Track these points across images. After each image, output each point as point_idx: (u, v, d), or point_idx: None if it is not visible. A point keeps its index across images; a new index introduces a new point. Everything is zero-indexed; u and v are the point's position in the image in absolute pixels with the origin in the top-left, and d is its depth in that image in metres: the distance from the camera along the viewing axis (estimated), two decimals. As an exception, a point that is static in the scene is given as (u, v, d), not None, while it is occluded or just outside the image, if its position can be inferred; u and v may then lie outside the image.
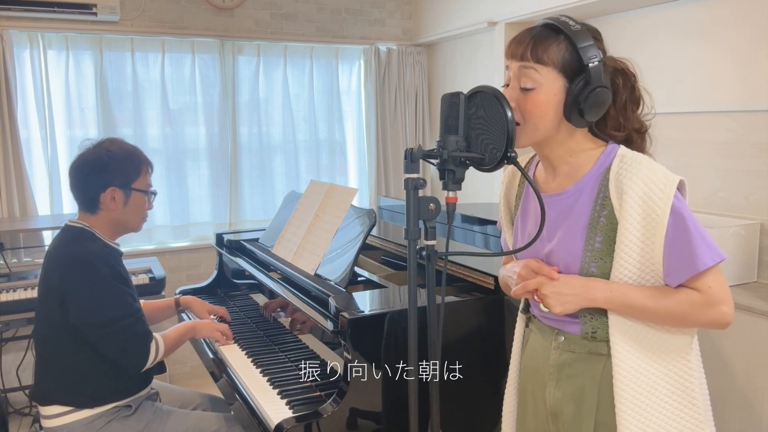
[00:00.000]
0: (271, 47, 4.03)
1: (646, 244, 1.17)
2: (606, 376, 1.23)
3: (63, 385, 1.87)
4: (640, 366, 1.20)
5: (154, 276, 3.11)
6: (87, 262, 1.82)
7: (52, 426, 1.87)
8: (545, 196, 1.30)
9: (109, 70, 3.65)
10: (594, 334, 1.25)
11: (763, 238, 2.46)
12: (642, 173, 1.16)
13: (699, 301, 1.17)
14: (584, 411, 1.26)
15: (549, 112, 1.21)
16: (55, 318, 1.84)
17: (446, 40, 4.26)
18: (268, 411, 1.68)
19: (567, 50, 1.19)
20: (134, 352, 1.86)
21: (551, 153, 1.29)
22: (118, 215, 1.93)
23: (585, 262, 1.23)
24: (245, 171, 4.06)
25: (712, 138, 2.66)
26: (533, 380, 1.38)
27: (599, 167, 1.24)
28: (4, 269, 3.31)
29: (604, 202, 1.21)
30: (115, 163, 1.91)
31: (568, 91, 1.19)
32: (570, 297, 1.21)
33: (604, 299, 1.20)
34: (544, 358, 1.34)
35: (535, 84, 1.20)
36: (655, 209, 1.15)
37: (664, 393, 1.21)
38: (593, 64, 1.17)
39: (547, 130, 1.23)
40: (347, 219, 2.13)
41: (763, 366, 2.15)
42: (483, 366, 1.79)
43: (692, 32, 2.72)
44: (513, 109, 1.19)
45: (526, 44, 1.21)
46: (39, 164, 3.55)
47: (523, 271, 1.30)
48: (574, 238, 1.24)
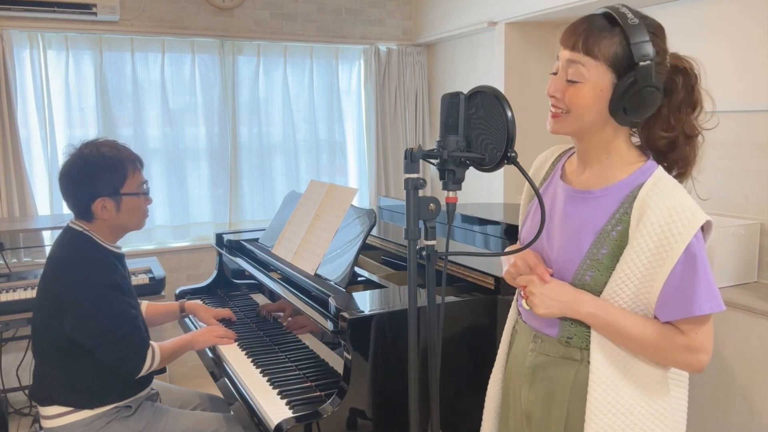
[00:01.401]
0: (271, 47, 4.03)
1: (649, 272, 1.14)
2: (578, 382, 1.23)
3: (63, 385, 1.87)
4: (616, 384, 1.19)
5: (154, 276, 3.11)
6: (84, 272, 1.82)
7: (51, 426, 1.87)
8: (570, 189, 1.28)
9: (109, 70, 3.65)
10: (570, 339, 1.25)
11: (763, 238, 2.46)
12: (670, 202, 1.13)
13: (680, 343, 1.16)
14: (554, 415, 1.26)
15: (594, 106, 1.18)
16: (52, 321, 1.84)
17: (446, 40, 4.26)
18: (268, 411, 1.68)
19: (620, 45, 1.14)
20: (130, 360, 1.86)
21: (589, 147, 1.25)
22: (114, 221, 1.92)
23: (582, 267, 1.22)
24: (245, 171, 4.06)
25: (712, 138, 2.64)
26: (514, 381, 1.39)
27: (632, 181, 1.20)
28: (4, 269, 3.31)
29: (622, 217, 1.19)
30: (98, 173, 1.86)
31: (616, 87, 1.15)
32: (556, 303, 1.21)
33: (588, 314, 1.19)
34: (522, 360, 1.35)
35: (581, 78, 1.17)
36: (671, 242, 1.12)
37: (639, 418, 1.19)
38: (645, 63, 1.12)
39: (592, 123, 1.20)
40: (347, 219, 2.13)
41: (763, 366, 2.15)
42: (483, 366, 1.79)
43: (693, 32, 2.71)
44: (558, 99, 1.19)
45: (579, 34, 1.17)
46: (39, 164, 3.55)
47: (519, 262, 1.29)
48: (580, 240, 1.22)
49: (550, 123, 1.24)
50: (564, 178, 1.34)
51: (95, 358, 1.84)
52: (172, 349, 1.99)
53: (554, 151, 1.43)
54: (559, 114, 1.21)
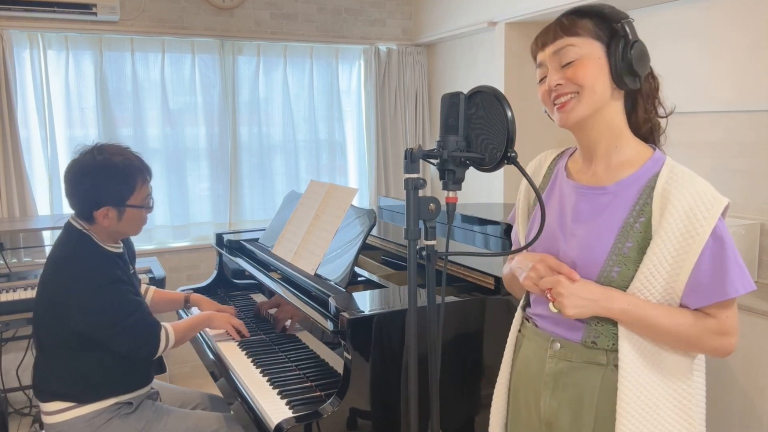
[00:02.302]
0: (271, 47, 4.03)
1: (677, 261, 1.14)
2: (605, 386, 1.21)
3: (65, 380, 1.88)
4: (645, 381, 1.18)
5: (154, 276, 3.12)
6: (86, 270, 1.84)
7: (53, 422, 1.88)
8: (581, 186, 1.27)
9: (109, 70, 3.65)
10: (595, 341, 1.22)
11: (763, 238, 2.46)
12: (692, 188, 1.14)
13: (712, 328, 1.16)
14: (582, 421, 1.24)
15: (600, 74, 1.19)
16: (53, 318, 1.85)
17: (446, 40, 4.26)
18: (268, 411, 1.68)
19: (594, 20, 1.20)
20: (145, 343, 1.91)
21: (597, 135, 1.24)
22: (113, 228, 1.92)
23: (608, 264, 1.19)
24: (245, 171, 4.06)
25: (712, 138, 2.66)
26: (526, 387, 1.35)
27: (646, 171, 1.21)
28: (4, 269, 3.31)
29: (643, 209, 1.18)
30: (107, 182, 1.86)
31: (609, 53, 1.18)
32: (587, 302, 1.17)
33: (620, 310, 1.17)
34: (539, 366, 1.31)
35: (576, 56, 1.19)
36: (697, 227, 1.12)
37: (665, 411, 1.18)
38: (625, 20, 1.18)
39: (603, 94, 1.20)
40: (347, 219, 2.13)
41: (763, 366, 2.15)
42: (483, 366, 1.79)
43: (690, 34, 2.72)
44: (563, 85, 1.19)
45: (551, 29, 1.22)
46: (39, 164, 3.55)
47: (539, 266, 1.24)
48: (604, 237, 1.21)
49: (559, 116, 1.22)
50: (570, 177, 1.32)
51: (100, 350, 1.86)
52: (187, 327, 2.05)
53: (547, 156, 1.41)
54: (568, 100, 1.20)
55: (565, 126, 1.24)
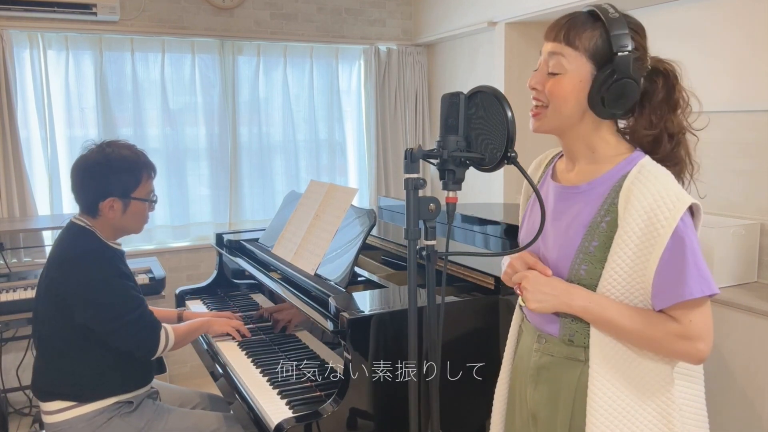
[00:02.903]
0: (271, 47, 4.03)
1: (640, 259, 1.13)
2: (582, 383, 1.22)
3: (65, 379, 1.88)
4: (618, 382, 1.17)
5: (154, 276, 3.11)
6: (88, 262, 1.85)
7: (53, 422, 1.88)
8: (560, 187, 1.30)
9: (109, 70, 3.65)
10: (572, 338, 1.24)
11: (763, 238, 2.46)
12: (655, 188, 1.13)
13: (675, 331, 1.13)
14: (559, 416, 1.26)
15: (572, 97, 1.19)
16: (55, 316, 1.86)
17: (446, 40, 4.26)
18: (268, 411, 1.68)
19: (600, 38, 1.17)
20: (145, 341, 1.91)
21: (571, 144, 1.27)
22: (117, 222, 1.95)
23: (576, 262, 1.22)
24: (245, 171, 4.06)
25: (711, 138, 2.65)
26: (520, 380, 1.39)
27: (617, 171, 1.21)
28: (4, 269, 3.31)
29: (610, 208, 1.19)
30: (114, 173, 1.90)
31: (595, 78, 1.17)
32: (548, 297, 1.21)
33: (581, 308, 1.18)
34: (528, 359, 1.35)
35: (561, 70, 1.19)
36: (658, 227, 1.11)
37: (640, 415, 1.18)
38: (623, 53, 1.14)
39: (570, 117, 1.21)
40: (347, 219, 2.13)
41: (763, 366, 2.15)
42: (483, 365, 1.79)
43: (690, 34, 2.72)
44: (538, 91, 1.20)
45: (561, 27, 1.20)
46: (39, 164, 3.55)
47: (516, 262, 1.31)
48: (572, 235, 1.23)
49: (531, 122, 1.26)
50: (555, 177, 1.35)
51: (100, 348, 1.86)
52: (187, 331, 2.06)
53: (548, 154, 1.44)
54: (539, 112, 1.23)
55: (535, 132, 1.27)
